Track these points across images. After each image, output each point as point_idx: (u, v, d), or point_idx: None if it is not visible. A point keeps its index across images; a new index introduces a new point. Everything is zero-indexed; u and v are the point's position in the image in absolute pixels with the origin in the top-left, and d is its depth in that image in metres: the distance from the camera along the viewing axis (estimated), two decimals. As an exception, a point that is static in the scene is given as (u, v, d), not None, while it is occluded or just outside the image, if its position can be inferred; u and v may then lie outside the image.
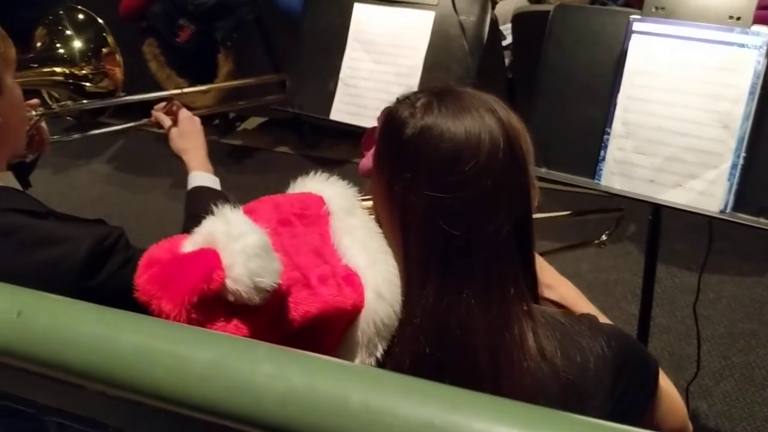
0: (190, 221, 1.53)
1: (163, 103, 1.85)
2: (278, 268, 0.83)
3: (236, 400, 0.49)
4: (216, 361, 0.51)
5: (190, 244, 0.85)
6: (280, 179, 1.06)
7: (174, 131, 1.76)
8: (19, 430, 0.97)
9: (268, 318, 0.83)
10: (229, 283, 0.80)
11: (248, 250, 0.80)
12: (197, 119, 1.79)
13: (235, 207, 0.89)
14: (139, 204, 3.81)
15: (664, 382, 1.05)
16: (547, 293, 1.19)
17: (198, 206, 1.55)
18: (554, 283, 1.19)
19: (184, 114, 1.78)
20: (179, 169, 1.73)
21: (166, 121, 1.78)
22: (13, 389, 0.66)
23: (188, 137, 1.74)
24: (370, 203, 1.04)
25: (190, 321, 0.77)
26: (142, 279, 0.81)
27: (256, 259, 0.80)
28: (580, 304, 1.18)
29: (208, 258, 0.80)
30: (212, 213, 0.87)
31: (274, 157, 4.08)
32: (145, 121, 1.91)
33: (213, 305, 0.80)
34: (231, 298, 0.80)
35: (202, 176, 1.66)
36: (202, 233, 0.85)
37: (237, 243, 0.81)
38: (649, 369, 1.01)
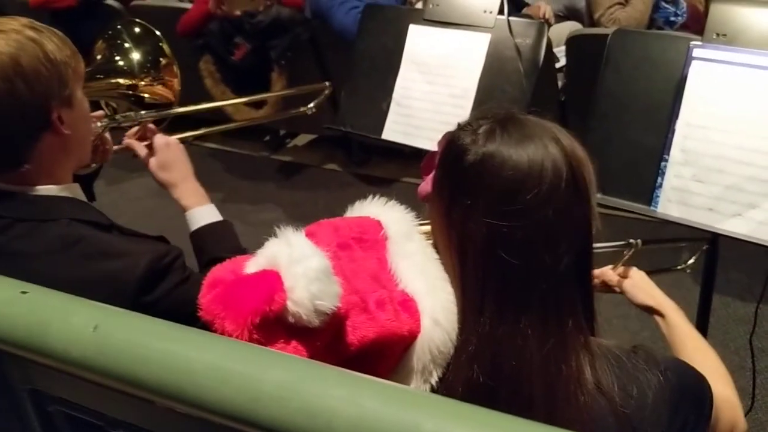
0: (210, 265, 1.39)
1: (135, 129, 1.64)
2: (338, 292, 0.84)
3: (307, 422, 0.50)
4: (288, 383, 0.51)
5: (253, 265, 0.86)
6: (328, 196, 1.07)
7: (153, 163, 1.55)
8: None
9: (327, 341, 0.84)
10: (291, 305, 0.80)
11: (310, 273, 0.81)
12: (176, 144, 1.59)
13: (297, 229, 0.90)
14: (190, 218, 3.86)
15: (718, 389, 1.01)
16: (647, 300, 1.32)
17: (212, 248, 1.45)
18: (657, 294, 1.31)
19: (159, 141, 1.57)
20: (230, 184, 1.70)
21: (141, 149, 1.58)
22: (84, 400, 0.67)
23: (171, 168, 1.55)
24: (428, 227, 1.03)
25: (251, 341, 0.78)
26: (206, 299, 0.83)
27: (317, 282, 0.81)
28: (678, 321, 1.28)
29: (271, 280, 0.81)
30: (275, 236, 0.88)
31: (322, 173, 4.11)
32: (116, 147, 1.64)
33: (274, 326, 0.81)
34: (291, 320, 0.81)
35: (200, 212, 1.52)
36: (266, 255, 0.86)
37: (299, 266, 0.82)
38: (705, 399, 0.98)
